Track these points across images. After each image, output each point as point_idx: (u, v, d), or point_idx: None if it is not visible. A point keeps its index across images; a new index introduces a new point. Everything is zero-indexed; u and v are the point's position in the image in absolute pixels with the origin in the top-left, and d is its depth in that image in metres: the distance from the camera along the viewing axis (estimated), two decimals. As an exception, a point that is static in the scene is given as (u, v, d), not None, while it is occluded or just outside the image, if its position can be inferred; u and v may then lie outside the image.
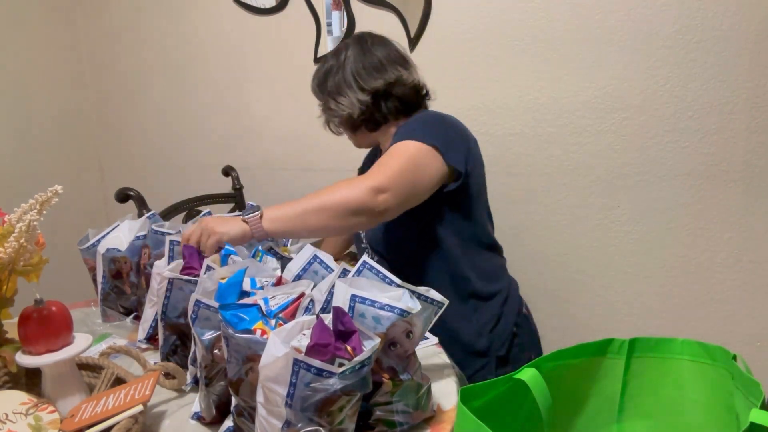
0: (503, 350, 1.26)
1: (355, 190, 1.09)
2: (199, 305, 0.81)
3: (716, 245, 1.44)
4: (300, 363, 0.64)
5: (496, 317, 1.26)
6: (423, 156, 1.17)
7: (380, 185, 1.10)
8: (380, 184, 1.10)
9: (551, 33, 1.51)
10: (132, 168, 2.42)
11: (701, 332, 1.49)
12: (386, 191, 1.10)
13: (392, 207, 1.12)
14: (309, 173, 2.02)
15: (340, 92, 1.30)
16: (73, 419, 0.75)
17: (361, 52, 1.30)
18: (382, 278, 0.81)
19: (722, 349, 0.73)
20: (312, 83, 1.38)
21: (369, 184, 1.10)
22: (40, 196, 0.82)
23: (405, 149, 1.16)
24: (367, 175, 1.13)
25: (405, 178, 1.13)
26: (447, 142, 1.20)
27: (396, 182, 1.12)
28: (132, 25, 2.25)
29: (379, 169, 1.14)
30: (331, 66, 1.32)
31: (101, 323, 1.24)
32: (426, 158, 1.17)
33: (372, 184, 1.10)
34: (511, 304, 1.30)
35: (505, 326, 1.27)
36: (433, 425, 0.81)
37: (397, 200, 1.12)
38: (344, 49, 1.32)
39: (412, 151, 1.16)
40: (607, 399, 0.79)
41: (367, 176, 1.12)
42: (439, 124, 1.25)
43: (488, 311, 1.27)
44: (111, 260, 1.21)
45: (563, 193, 1.58)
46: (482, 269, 1.28)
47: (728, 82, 1.36)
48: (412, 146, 1.17)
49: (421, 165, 1.16)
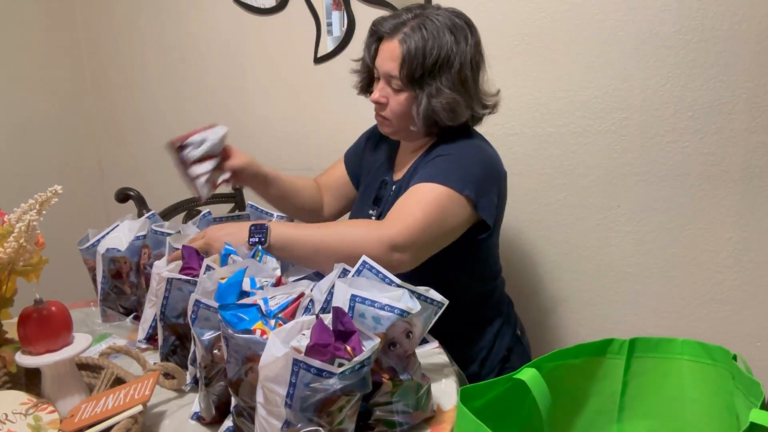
0: (493, 375, 1.21)
1: (371, 242, 0.97)
2: (198, 305, 0.81)
3: (716, 245, 1.44)
4: (300, 363, 0.64)
5: (491, 344, 1.23)
6: (452, 206, 1.04)
7: (398, 242, 0.98)
8: (399, 240, 0.98)
9: (551, 33, 1.51)
10: (132, 168, 2.42)
11: (701, 332, 1.49)
12: (405, 250, 0.98)
13: (407, 264, 1.01)
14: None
15: (457, 88, 1.08)
16: (73, 419, 0.75)
17: (480, 54, 1.12)
18: (381, 278, 0.81)
19: (722, 349, 0.73)
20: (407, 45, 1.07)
21: (387, 239, 0.97)
22: (39, 196, 0.82)
23: (434, 196, 1.02)
24: (386, 225, 1.00)
25: (428, 233, 1.01)
26: (481, 191, 1.07)
27: (417, 239, 1.00)
28: (132, 25, 2.25)
29: (402, 218, 1.00)
30: (451, 53, 1.07)
31: (101, 323, 1.24)
32: (455, 208, 1.04)
33: (390, 239, 0.97)
34: (506, 330, 1.25)
35: (498, 352, 1.24)
36: (433, 425, 0.81)
37: (414, 258, 1.01)
38: (463, 39, 1.08)
39: (441, 200, 1.03)
40: (607, 399, 0.79)
41: (387, 226, 0.99)
42: (478, 165, 1.10)
43: (484, 338, 1.22)
44: (111, 260, 1.20)
45: (563, 193, 1.58)
46: (482, 296, 1.23)
47: (728, 82, 1.36)
48: (442, 194, 1.03)
49: (448, 217, 1.04)
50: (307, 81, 1.91)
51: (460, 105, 1.09)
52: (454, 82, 1.08)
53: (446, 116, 1.10)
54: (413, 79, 1.08)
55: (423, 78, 1.08)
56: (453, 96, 1.08)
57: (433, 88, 1.08)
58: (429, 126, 1.13)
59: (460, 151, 1.12)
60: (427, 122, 1.12)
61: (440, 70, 1.07)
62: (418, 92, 1.09)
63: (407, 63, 1.07)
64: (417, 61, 1.06)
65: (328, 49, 1.85)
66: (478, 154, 1.13)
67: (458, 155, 1.10)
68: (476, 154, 1.13)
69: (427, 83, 1.08)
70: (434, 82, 1.08)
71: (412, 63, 1.06)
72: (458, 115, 1.10)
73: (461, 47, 1.07)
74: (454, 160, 1.09)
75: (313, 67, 1.89)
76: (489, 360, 1.23)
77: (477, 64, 1.11)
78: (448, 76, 1.07)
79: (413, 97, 1.10)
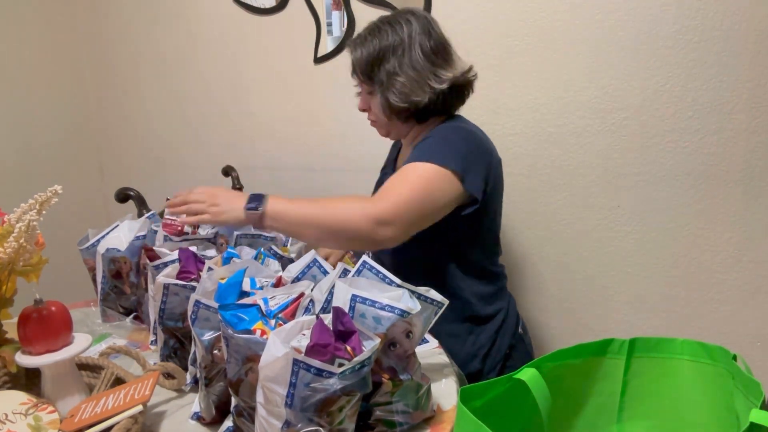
0: (494, 373, 1.22)
1: (357, 216, 1.03)
2: (198, 306, 0.81)
3: (716, 245, 1.44)
4: (300, 363, 0.64)
5: (492, 340, 1.23)
6: (438, 181, 1.08)
7: (384, 217, 1.03)
8: (384, 215, 1.03)
9: (551, 33, 1.51)
10: (132, 168, 2.42)
11: (701, 332, 1.49)
12: (389, 224, 1.03)
13: (393, 239, 1.05)
14: (309, 173, 2.02)
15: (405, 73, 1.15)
16: (73, 419, 0.75)
17: (426, 31, 1.16)
18: (381, 278, 0.81)
19: (722, 349, 0.73)
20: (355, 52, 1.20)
21: (372, 214, 1.03)
22: (39, 196, 0.82)
23: (419, 173, 1.08)
24: (373, 200, 1.06)
25: (413, 208, 1.05)
26: (467, 165, 1.11)
27: (402, 214, 1.04)
28: (132, 25, 2.25)
29: (387, 195, 1.06)
30: (393, 42, 1.15)
31: (101, 323, 1.24)
32: (441, 183, 1.08)
33: (375, 214, 1.03)
34: (507, 327, 1.27)
35: (499, 349, 1.24)
36: (433, 425, 0.81)
37: (400, 233, 1.05)
38: (406, 23, 1.16)
39: (427, 176, 1.07)
40: (607, 399, 0.79)
41: (373, 202, 1.05)
42: (462, 141, 1.15)
43: (484, 334, 1.23)
44: (111, 260, 1.21)
45: (563, 193, 1.58)
46: (483, 293, 1.24)
47: (728, 82, 1.36)
48: (428, 170, 1.08)
49: (434, 192, 1.08)
50: (307, 81, 1.91)
51: (412, 86, 1.15)
52: (401, 67, 1.15)
53: (400, 99, 1.16)
54: (369, 77, 1.18)
55: (374, 72, 1.17)
56: (402, 80, 1.15)
57: (384, 77, 1.16)
58: (397, 114, 1.19)
59: (445, 132, 1.17)
60: (391, 110, 1.19)
61: (386, 61, 1.16)
62: (376, 86, 1.18)
63: (357, 66, 1.19)
64: (363, 61, 1.17)
65: (328, 49, 1.85)
66: (462, 132, 1.18)
67: (443, 136, 1.16)
68: (460, 132, 1.18)
69: (378, 76, 1.17)
70: (383, 73, 1.16)
71: (360, 64, 1.18)
72: (411, 96, 1.16)
73: (404, 36, 1.15)
74: (439, 139, 1.15)
75: (313, 67, 1.89)
76: (490, 357, 1.23)
77: (428, 48, 1.16)
78: (393, 64, 1.15)
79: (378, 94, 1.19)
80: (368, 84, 1.20)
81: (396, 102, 1.16)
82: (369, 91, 1.21)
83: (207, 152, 2.21)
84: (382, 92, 1.18)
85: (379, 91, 1.18)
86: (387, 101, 1.17)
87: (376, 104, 1.21)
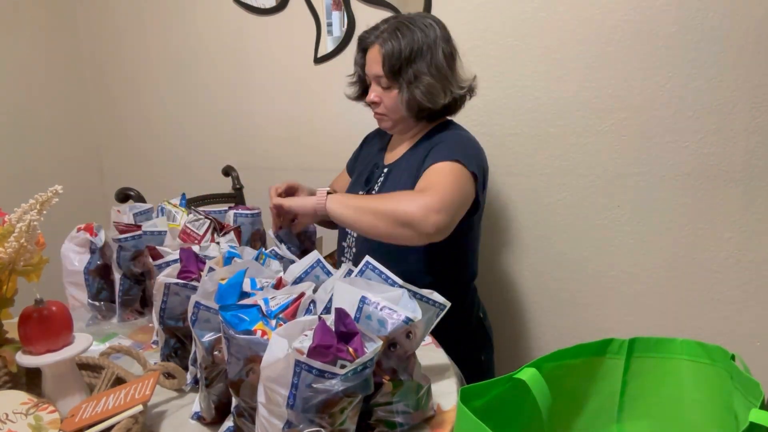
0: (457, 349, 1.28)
1: (411, 203, 1.09)
2: (198, 307, 0.81)
3: (716, 245, 1.44)
4: (302, 364, 0.64)
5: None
6: (467, 181, 1.17)
7: (435, 205, 1.08)
8: (434, 203, 1.08)
9: (551, 33, 1.51)
10: (132, 168, 2.42)
11: (701, 332, 1.49)
12: (440, 211, 1.08)
13: (443, 228, 1.10)
14: (309, 173, 2.02)
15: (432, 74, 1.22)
16: (73, 419, 0.75)
17: (447, 43, 1.25)
18: (384, 279, 0.81)
19: (721, 349, 0.73)
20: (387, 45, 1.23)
21: (425, 202, 1.08)
22: (40, 196, 0.82)
23: (451, 169, 1.16)
24: (423, 193, 1.12)
25: (456, 199, 1.13)
26: (480, 170, 1.21)
27: (449, 203, 1.10)
28: (132, 25, 2.25)
29: (433, 187, 1.12)
30: (422, 44, 1.22)
31: (101, 323, 1.24)
32: (467, 182, 1.17)
33: (428, 202, 1.08)
34: (468, 311, 1.36)
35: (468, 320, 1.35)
36: (433, 425, 0.81)
37: (449, 221, 1.11)
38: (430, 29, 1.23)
39: (458, 173, 1.16)
40: (607, 399, 0.80)
41: (424, 194, 1.11)
42: (475, 149, 1.26)
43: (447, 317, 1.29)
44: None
45: (563, 193, 1.58)
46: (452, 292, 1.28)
47: (728, 82, 1.36)
48: (456, 168, 1.16)
49: (464, 187, 1.16)
50: (307, 81, 1.92)
51: (436, 88, 1.23)
52: (429, 69, 1.22)
53: (426, 99, 1.23)
54: (395, 73, 1.23)
55: (401, 70, 1.23)
56: (429, 80, 1.22)
57: (411, 76, 1.22)
58: (416, 112, 1.27)
59: (458, 138, 1.27)
60: (412, 108, 1.25)
61: (415, 61, 1.22)
62: (401, 83, 1.24)
63: (387, 60, 1.23)
64: (395, 57, 1.22)
65: (328, 49, 1.85)
66: (473, 141, 1.29)
67: (458, 140, 1.26)
68: (472, 140, 1.29)
69: (406, 74, 1.23)
70: (411, 71, 1.23)
71: (392, 59, 1.22)
72: (435, 97, 1.24)
73: (430, 40, 1.22)
74: (457, 143, 1.24)
75: (313, 67, 1.89)
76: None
77: (448, 54, 1.24)
78: (422, 65, 1.22)
79: (398, 90, 1.25)
80: (391, 79, 1.24)
81: (422, 101, 1.23)
82: (388, 85, 1.26)
83: (207, 152, 2.21)
84: (408, 89, 1.23)
85: (405, 88, 1.23)
86: (413, 99, 1.23)
87: (392, 99, 1.26)
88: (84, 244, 1.26)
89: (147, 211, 1.35)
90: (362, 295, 0.74)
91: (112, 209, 1.31)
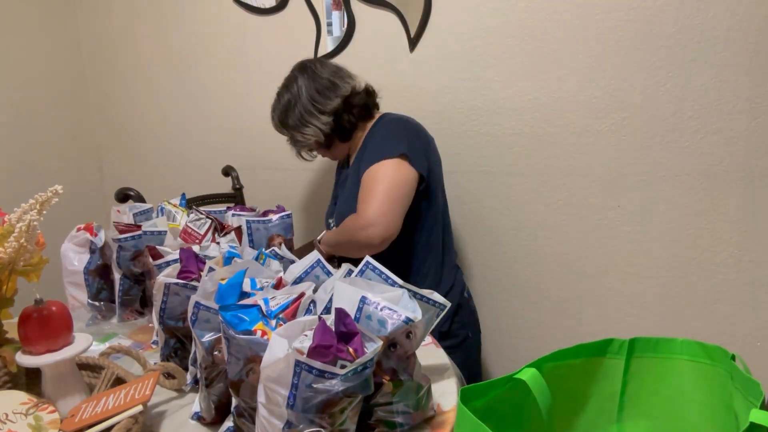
0: (446, 326, 1.39)
1: (351, 228, 1.25)
2: (198, 307, 0.81)
3: (716, 245, 1.44)
4: (302, 364, 0.64)
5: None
6: (397, 170, 1.26)
7: (366, 220, 1.21)
8: (366, 219, 1.21)
9: (551, 33, 1.51)
10: (132, 168, 2.42)
11: (701, 332, 1.49)
12: (373, 225, 1.21)
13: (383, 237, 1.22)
14: (309, 173, 2.02)
15: (304, 123, 1.40)
16: (73, 419, 0.75)
17: (311, 79, 1.40)
18: (384, 279, 0.81)
19: (721, 349, 0.73)
20: (273, 121, 1.47)
21: (358, 222, 1.23)
22: (40, 196, 0.82)
23: (381, 172, 1.26)
24: (357, 214, 1.25)
25: (390, 201, 1.23)
26: (411, 148, 1.30)
27: (381, 213, 1.22)
28: (132, 25, 2.25)
29: (365, 202, 1.24)
30: (288, 100, 1.41)
31: (101, 323, 1.24)
32: (400, 170, 1.26)
33: (360, 221, 1.23)
34: (454, 291, 1.44)
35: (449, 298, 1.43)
36: (433, 425, 0.81)
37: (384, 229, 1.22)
38: (294, 81, 1.42)
39: (386, 171, 1.26)
40: (607, 399, 0.79)
41: (357, 215, 1.25)
42: (402, 130, 1.35)
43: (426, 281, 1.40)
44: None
45: (563, 193, 1.58)
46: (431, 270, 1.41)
47: (728, 82, 1.36)
48: (386, 165, 1.26)
49: (398, 181, 1.26)
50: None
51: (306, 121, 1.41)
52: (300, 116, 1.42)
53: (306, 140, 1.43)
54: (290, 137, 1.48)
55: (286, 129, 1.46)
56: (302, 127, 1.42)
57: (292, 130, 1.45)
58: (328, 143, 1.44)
59: (381, 128, 1.39)
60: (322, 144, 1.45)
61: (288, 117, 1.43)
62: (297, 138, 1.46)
63: (279, 131, 1.49)
64: (279, 127, 1.48)
65: (328, 49, 1.85)
66: (394, 123, 1.39)
67: (384, 135, 1.36)
68: (393, 123, 1.39)
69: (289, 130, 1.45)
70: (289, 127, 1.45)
71: (278, 128, 1.49)
72: (307, 128, 1.41)
73: (293, 94, 1.42)
74: (384, 137, 1.35)
75: (313, 67, 1.88)
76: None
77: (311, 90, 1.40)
78: (292, 115, 1.42)
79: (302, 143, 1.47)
80: (292, 142, 1.47)
81: (306, 148, 1.48)
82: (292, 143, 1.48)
83: (207, 152, 2.21)
84: (296, 141, 1.45)
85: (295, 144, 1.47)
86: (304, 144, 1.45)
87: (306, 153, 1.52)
88: (84, 244, 1.26)
89: (147, 211, 1.35)
90: (362, 295, 0.74)
91: (112, 209, 1.31)
